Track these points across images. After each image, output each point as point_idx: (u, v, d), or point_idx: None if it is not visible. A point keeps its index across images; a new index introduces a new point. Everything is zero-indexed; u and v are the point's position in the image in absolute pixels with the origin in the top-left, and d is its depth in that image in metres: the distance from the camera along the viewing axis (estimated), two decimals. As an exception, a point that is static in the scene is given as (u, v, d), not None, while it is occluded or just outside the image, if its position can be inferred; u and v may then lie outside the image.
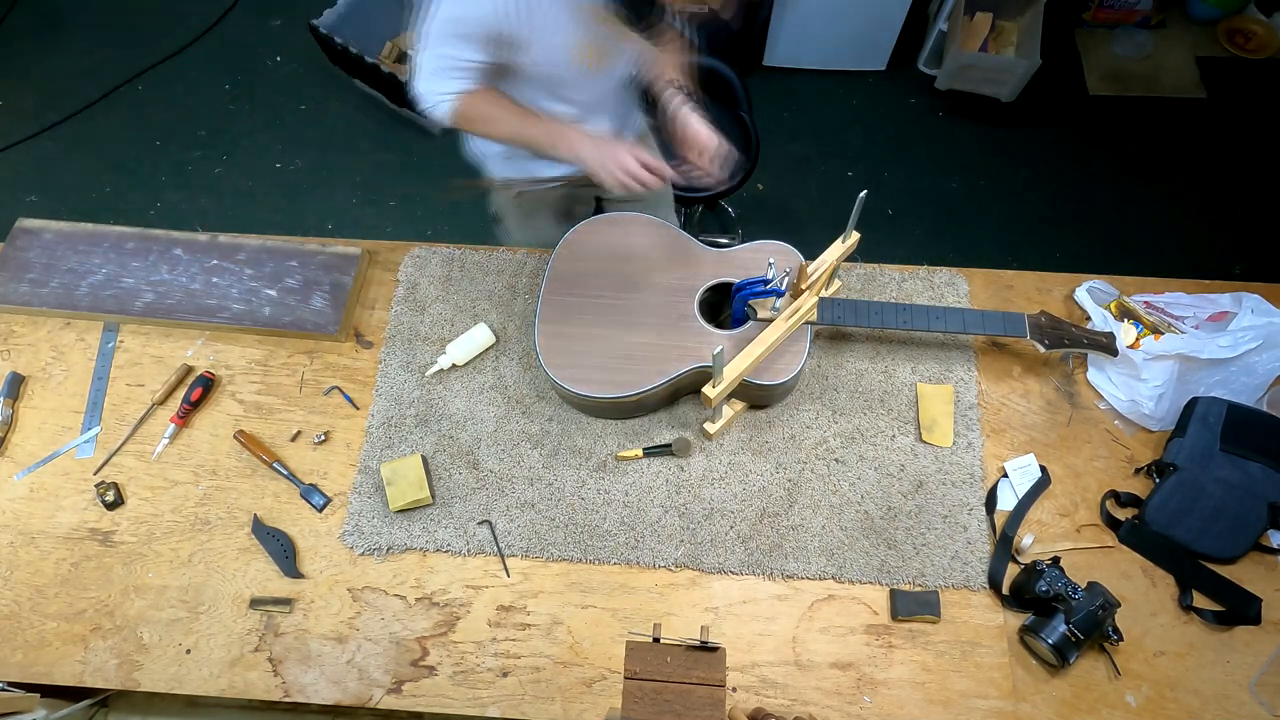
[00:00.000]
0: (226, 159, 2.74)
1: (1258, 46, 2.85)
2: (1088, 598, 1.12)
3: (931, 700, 1.15)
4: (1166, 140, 2.70)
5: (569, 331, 1.29)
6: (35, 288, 1.46)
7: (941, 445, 1.32)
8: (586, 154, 1.17)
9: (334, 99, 2.86)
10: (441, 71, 1.15)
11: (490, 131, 1.24)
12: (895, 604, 1.20)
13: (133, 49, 2.96)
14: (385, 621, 1.22)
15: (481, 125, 1.23)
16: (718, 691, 0.91)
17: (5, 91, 2.89)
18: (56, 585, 1.27)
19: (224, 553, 1.28)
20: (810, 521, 1.27)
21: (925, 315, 1.29)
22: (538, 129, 1.21)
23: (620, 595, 1.23)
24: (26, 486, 1.34)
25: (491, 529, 1.28)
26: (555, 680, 1.18)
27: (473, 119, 1.22)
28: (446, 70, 1.15)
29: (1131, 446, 1.33)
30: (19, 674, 1.21)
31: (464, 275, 1.51)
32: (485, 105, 1.20)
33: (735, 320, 1.32)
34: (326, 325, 1.42)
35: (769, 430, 1.34)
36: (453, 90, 1.17)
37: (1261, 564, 1.23)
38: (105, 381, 1.42)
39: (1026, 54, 2.57)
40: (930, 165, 2.67)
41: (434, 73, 1.16)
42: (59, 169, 2.72)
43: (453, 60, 1.14)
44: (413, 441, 1.35)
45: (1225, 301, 1.38)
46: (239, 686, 1.19)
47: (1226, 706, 1.14)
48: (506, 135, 1.23)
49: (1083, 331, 1.31)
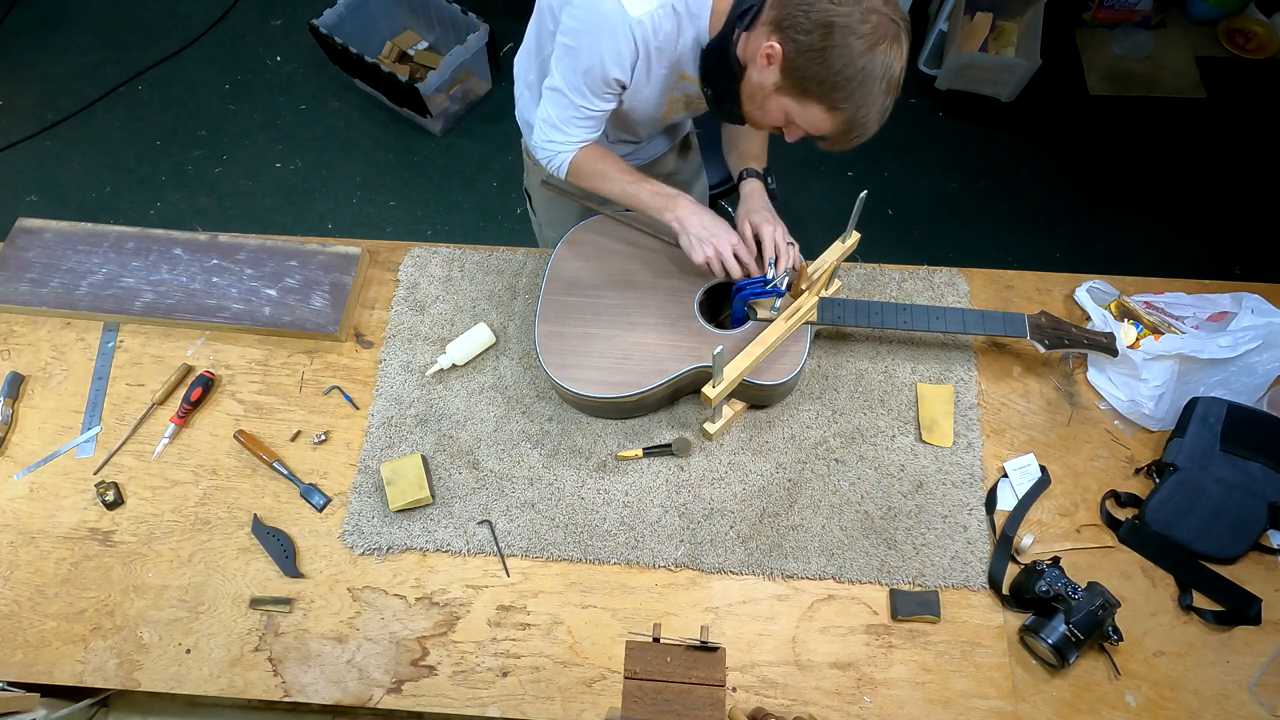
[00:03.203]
0: (226, 159, 2.74)
1: (1258, 46, 2.85)
2: (1088, 598, 1.12)
3: (931, 700, 1.15)
4: (1166, 140, 2.70)
5: (569, 331, 1.29)
6: (35, 287, 1.46)
7: (941, 445, 1.32)
8: (691, 228, 1.19)
9: (334, 99, 2.86)
10: (570, 121, 1.16)
11: (599, 185, 1.23)
12: (895, 604, 1.20)
13: (133, 49, 2.96)
14: (385, 621, 1.22)
15: (592, 179, 1.23)
16: (718, 691, 0.91)
17: (5, 91, 2.89)
18: (56, 585, 1.27)
19: (224, 553, 1.28)
20: (810, 521, 1.27)
21: (925, 315, 1.29)
22: (647, 192, 1.22)
23: (620, 595, 1.23)
24: (26, 486, 1.34)
25: (491, 529, 1.28)
26: (555, 680, 1.18)
27: (587, 173, 1.22)
28: (576, 120, 1.15)
29: (1131, 446, 1.33)
30: (19, 674, 1.21)
31: (464, 275, 1.51)
32: (597, 161, 1.22)
33: (735, 320, 1.32)
34: (326, 325, 1.42)
35: (769, 430, 1.34)
36: (575, 140, 1.19)
37: (1261, 564, 1.23)
38: (105, 381, 1.42)
39: (1026, 54, 2.58)
40: (930, 165, 2.67)
41: (564, 122, 1.16)
42: (59, 169, 2.72)
43: (586, 111, 1.14)
44: (413, 441, 1.35)
45: (1225, 301, 1.38)
46: (239, 686, 1.19)
47: (1226, 706, 1.14)
48: (615, 192, 1.23)
49: (1083, 332, 1.31)
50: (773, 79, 0.99)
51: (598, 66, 1.05)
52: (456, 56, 2.54)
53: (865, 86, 0.93)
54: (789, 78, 0.97)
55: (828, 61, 0.92)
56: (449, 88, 2.64)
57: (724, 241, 1.19)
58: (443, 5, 2.66)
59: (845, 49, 0.90)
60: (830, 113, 0.97)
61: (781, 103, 1.01)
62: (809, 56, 0.92)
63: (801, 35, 0.92)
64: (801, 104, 0.98)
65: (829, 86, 0.94)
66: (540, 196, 1.54)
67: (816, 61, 0.92)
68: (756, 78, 1.01)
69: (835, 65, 0.91)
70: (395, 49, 2.84)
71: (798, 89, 0.97)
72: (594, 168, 1.22)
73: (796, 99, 0.98)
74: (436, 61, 2.62)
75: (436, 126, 2.73)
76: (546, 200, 1.53)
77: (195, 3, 3.07)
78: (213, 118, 2.82)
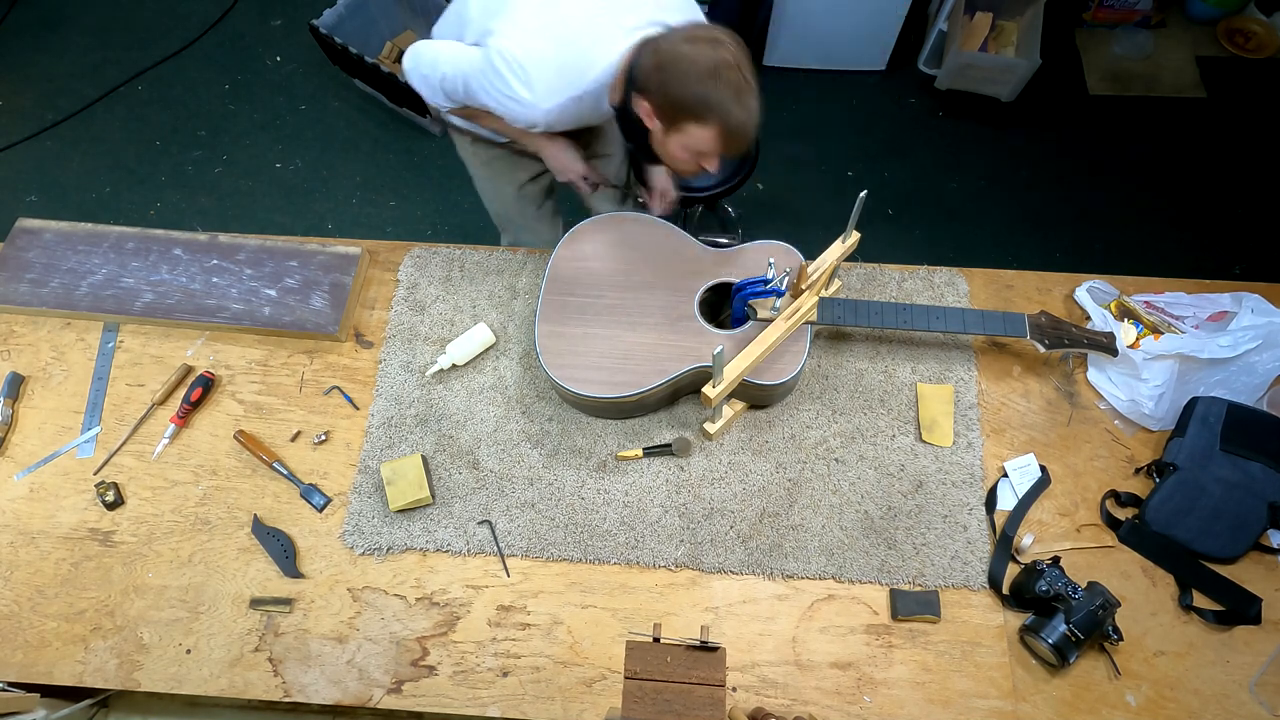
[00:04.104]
0: (226, 159, 2.74)
1: (1258, 46, 2.85)
2: (1088, 597, 1.12)
3: (931, 700, 1.15)
4: (1166, 140, 2.70)
5: (569, 331, 1.29)
6: (35, 288, 1.46)
7: (941, 445, 1.32)
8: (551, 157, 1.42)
9: (334, 99, 2.85)
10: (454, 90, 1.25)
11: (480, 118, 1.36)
12: (895, 604, 1.20)
13: (133, 49, 2.96)
14: (385, 621, 1.22)
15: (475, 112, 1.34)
16: (718, 691, 0.91)
17: (5, 91, 2.88)
18: (56, 585, 1.27)
19: (224, 553, 1.28)
20: (810, 521, 1.27)
21: (925, 315, 1.29)
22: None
23: (620, 595, 1.23)
24: (26, 486, 1.34)
25: (491, 529, 1.28)
26: (555, 680, 1.18)
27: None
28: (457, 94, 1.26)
29: (1131, 446, 1.33)
30: (19, 674, 1.21)
31: (464, 275, 1.51)
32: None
33: (735, 320, 1.32)
34: (326, 325, 1.42)
35: (769, 430, 1.34)
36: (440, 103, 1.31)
37: (1261, 564, 1.23)
38: (105, 381, 1.42)
39: (1026, 54, 2.57)
40: (930, 165, 2.67)
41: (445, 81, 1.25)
42: (59, 169, 2.72)
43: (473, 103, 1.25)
44: (413, 441, 1.35)
45: (1225, 301, 1.38)
46: (239, 686, 1.19)
47: (1226, 706, 1.14)
48: (495, 124, 1.33)
49: (1083, 331, 1.31)
50: (658, 126, 1.12)
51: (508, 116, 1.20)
52: (456, 56, 2.54)
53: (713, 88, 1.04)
54: (664, 119, 1.10)
55: (672, 86, 1.05)
56: (449, 88, 2.64)
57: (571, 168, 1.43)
58: (443, 5, 2.64)
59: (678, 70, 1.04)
60: (704, 125, 1.08)
61: (674, 141, 1.13)
62: (662, 93, 1.07)
63: (650, 81, 1.07)
64: (683, 132, 1.10)
65: (684, 102, 1.06)
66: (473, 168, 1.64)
67: (667, 92, 1.06)
68: (653, 132, 1.15)
69: (681, 84, 1.05)
70: (395, 49, 2.84)
71: (672, 122, 1.10)
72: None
73: (678, 132, 1.11)
74: (436, 61, 2.62)
75: (436, 127, 2.73)
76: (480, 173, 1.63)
77: (195, 3, 3.07)
78: (213, 118, 2.82)
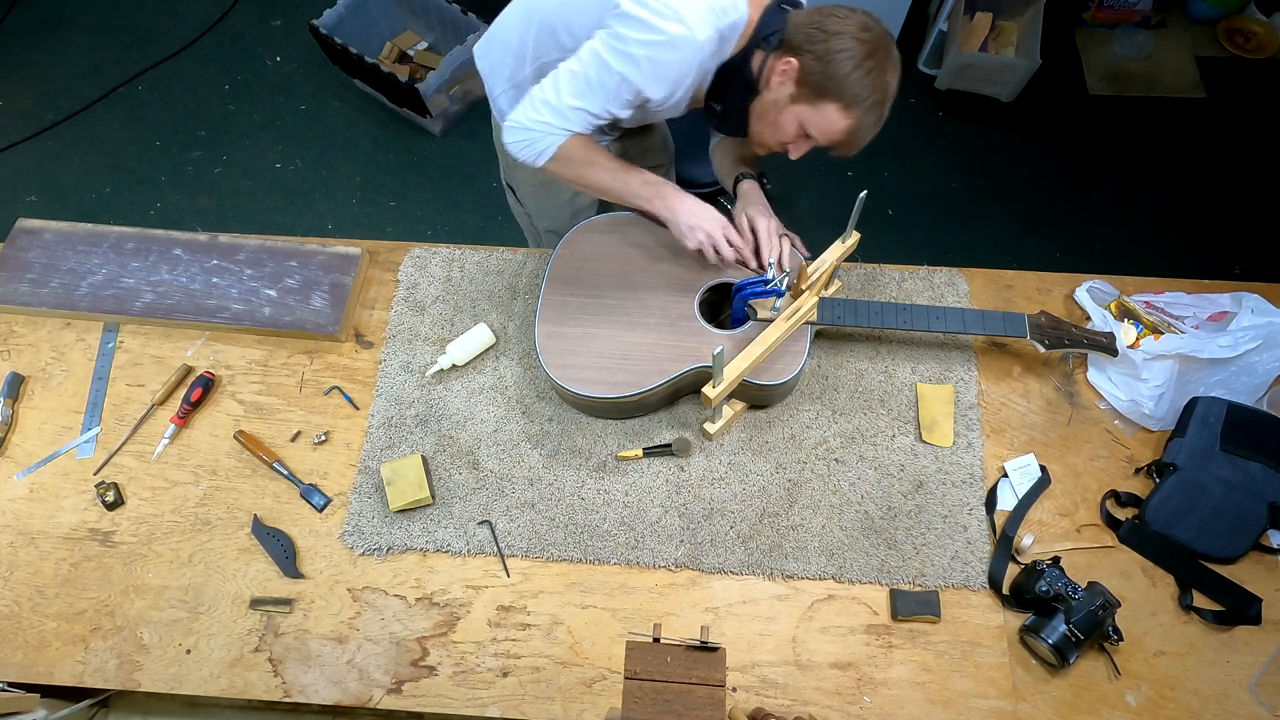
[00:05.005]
0: (226, 159, 2.74)
1: (1258, 46, 2.85)
2: (1088, 598, 1.12)
3: (931, 700, 1.15)
4: (1166, 140, 2.70)
5: (569, 331, 1.29)
6: (35, 288, 1.46)
7: (941, 445, 1.32)
8: (681, 215, 1.23)
9: (334, 99, 2.86)
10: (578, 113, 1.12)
11: (585, 173, 1.20)
12: (895, 604, 1.20)
13: (133, 49, 2.96)
14: (385, 621, 1.22)
15: (580, 167, 1.19)
16: (718, 691, 0.91)
17: (5, 91, 2.88)
18: (56, 585, 1.27)
19: (224, 553, 1.28)
20: (810, 521, 1.27)
21: (925, 315, 1.29)
22: (636, 180, 1.23)
23: (620, 595, 1.23)
24: (26, 486, 1.34)
25: (491, 529, 1.28)
26: (555, 680, 1.18)
27: (576, 160, 1.18)
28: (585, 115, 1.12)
29: (1131, 446, 1.33)
30: (19, 674, 1.21)
31: (464, 275, 1.51)
32: (587, 148, 1.18)
33: (735, 320, 1.32)
34: (326, 325, 1.42)
35: (769, 430, 1.34)
36: (569, 129, 1.14)
37: (1261, 564, 1.23)
38: (105, 382, 1.42)
39: (1026, 54, 2.57)
40: (930, 165, 2.67)
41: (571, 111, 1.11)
42: (59, 169, 2.72)
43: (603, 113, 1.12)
44: (413, 441, 1.35)
45: (1225, 301, 1.38)
46: (239, 686, 1.19)
47: (1226, 706, 1.14)
48: (603, 180, 1.21)
49: (1083, 331, 1.31)
50: (788, 91, 1.09)
51: (648, 85, 1.09)
52: (456, 57, 2.54)
53: (870, 87, 1.05)
54: (805, 85, 1.07)
55: (839, 63, 1.04)
56: (449, 88, 2.64)
57: (714, 226, 1.23)
58: (443, 5, 2.66)
59: (850, 54, 1.03)
60: (844, 111, 1.07)
61: (796, 113, 1.10)
62: (823, 62, 1.05)
63: (815, 46, 1.05)
64: (817, 108, 1.08)
65: (842, 84, 1.05)
66: (526, 187, 1.54)
67: (829, 65, 1.04)
68: (772, 95, 1.11)
69: (845, 67, 1.04)
70: (395, 49, 2.84)
71: (814, 93, 1.07)
72: (584, 155, 1.18)
73: (812, 104, 1.08)
74: (436, 62, 2.62)
75: (436, 127, 2.73)
76: (534, 189, 1.53)
77: (195, 3, 3.07)
78: (213, 118, 2.82)
